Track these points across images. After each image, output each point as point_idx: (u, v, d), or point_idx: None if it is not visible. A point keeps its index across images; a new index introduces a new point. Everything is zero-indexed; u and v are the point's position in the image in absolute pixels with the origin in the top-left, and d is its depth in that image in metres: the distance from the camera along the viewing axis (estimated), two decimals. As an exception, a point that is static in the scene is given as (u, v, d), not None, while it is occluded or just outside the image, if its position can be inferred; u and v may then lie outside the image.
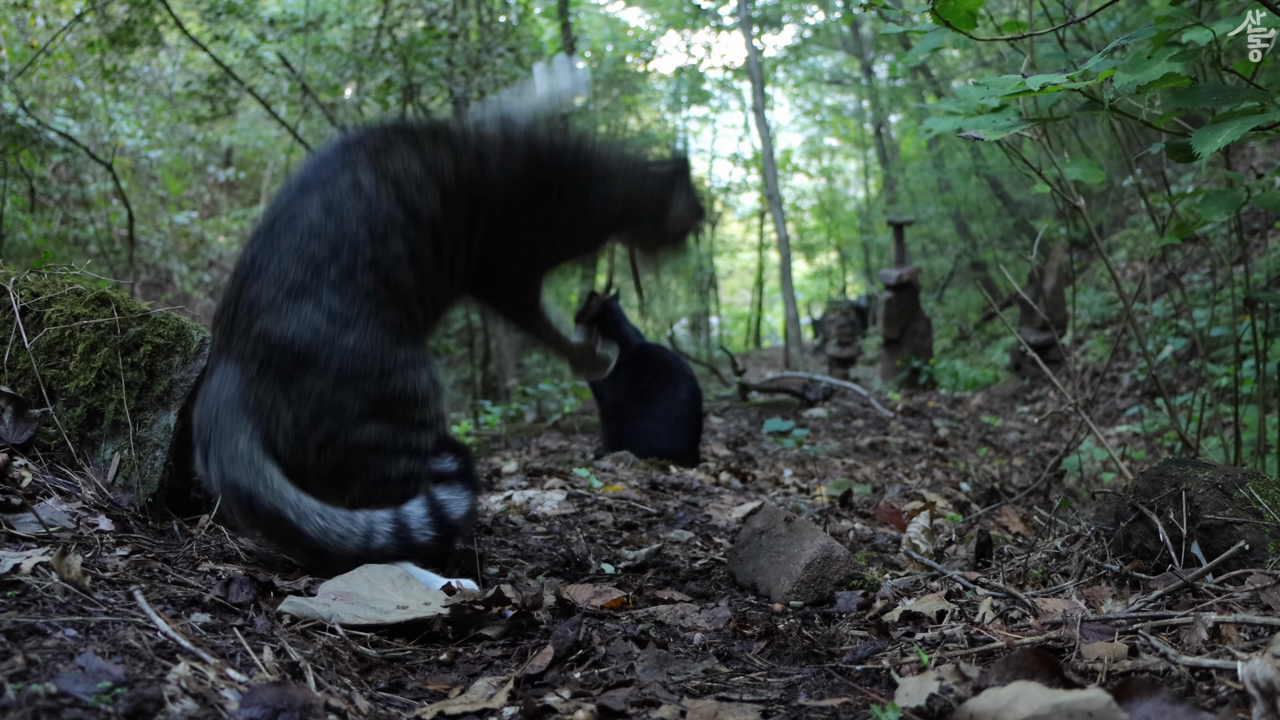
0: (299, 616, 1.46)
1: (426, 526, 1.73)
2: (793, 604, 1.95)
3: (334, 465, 1.69)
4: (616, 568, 2.31)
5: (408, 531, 1.70)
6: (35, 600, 1.23)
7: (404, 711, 1.26)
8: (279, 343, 1.63)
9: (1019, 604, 1.72)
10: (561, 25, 14.05)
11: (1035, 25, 2.39)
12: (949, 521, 2.98)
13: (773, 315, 27.36)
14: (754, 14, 17.18)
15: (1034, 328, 8.22)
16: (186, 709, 1.01)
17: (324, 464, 1.69)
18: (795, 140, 27.19)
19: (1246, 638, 1.39)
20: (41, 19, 9.37)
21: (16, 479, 1.68)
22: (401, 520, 1.70)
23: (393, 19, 10.46)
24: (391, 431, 1.72)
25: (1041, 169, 2.41)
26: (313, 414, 1.64)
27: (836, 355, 11.14)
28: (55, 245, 10.24)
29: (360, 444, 1.69)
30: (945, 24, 1.83)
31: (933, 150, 16.67)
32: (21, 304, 1.88)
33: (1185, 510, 1.79)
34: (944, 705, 1.17)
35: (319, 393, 1.64)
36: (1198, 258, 7.45)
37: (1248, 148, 7.83)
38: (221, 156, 15.56)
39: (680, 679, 1.41)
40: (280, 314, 1.63)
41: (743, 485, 3.79)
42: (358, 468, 1.71)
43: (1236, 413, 2.72)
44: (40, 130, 8.61)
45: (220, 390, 1.65)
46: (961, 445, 5.47)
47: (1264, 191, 2.22)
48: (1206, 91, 1.80)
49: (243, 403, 1.64)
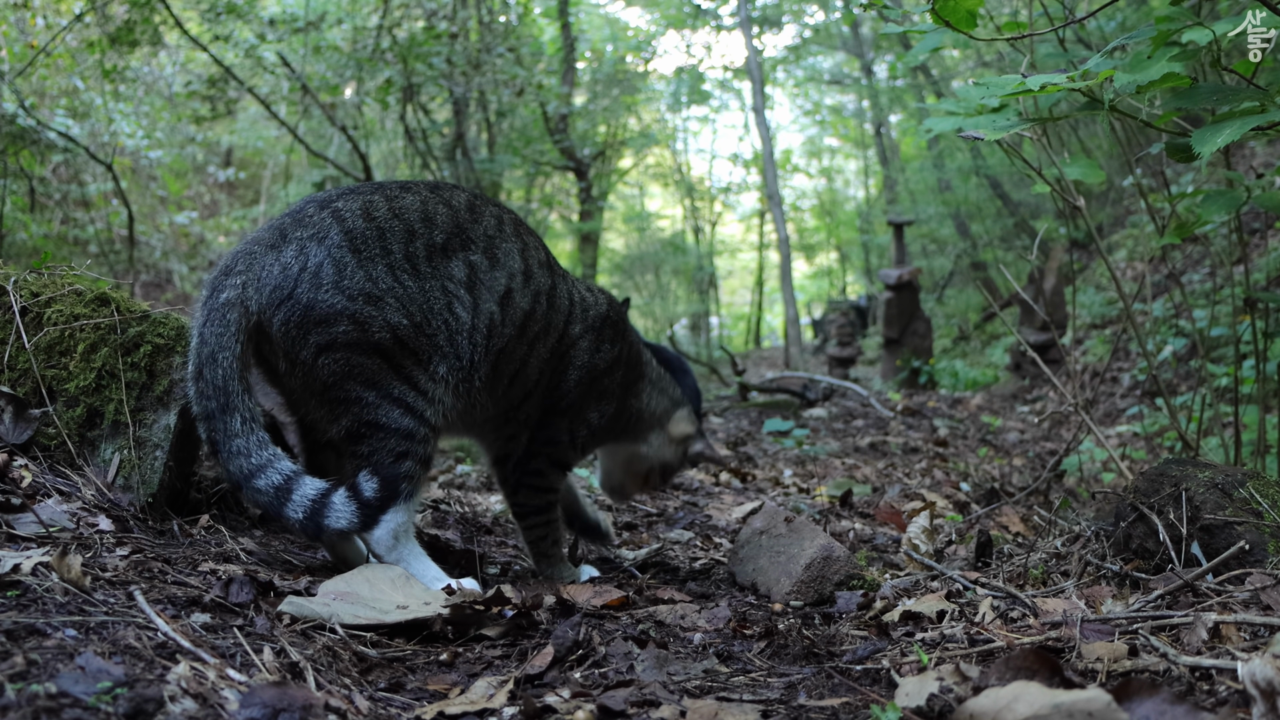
0: (299, 616, 1.46)
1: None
2: (793, 604, 1.95)
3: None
4: (617, 567, 2.31)
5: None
6: (35, 600, 1.23)
7: (404, 711, 1.26)
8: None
9: (1019, 604, 1.72)
10: (561, 25, 14.06)
11: (1035, 25, 2.39)
12: (949, 521, 2.98)
13: (773, 315, 27.37)
14: (754, 14, 17.18)
15: (1034, 328, 8.22)
16: (186, 709, 1.01)
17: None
18: (795, 140, 27.23)
19: (1246, 638, 1.39)
20: (41, 19, 9.37)
21: (16, 479, 1.68)
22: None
23: (393, 19, 10.46)
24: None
25: (1041, 169, 2.41)
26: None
27: (836, 355, 11.14)
28: (55, 245, 10.24)
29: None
30: (945, 24, 1.83)
31: (933, 150, 16.68)
32: (21, 304, 1.88)
33: (1185, 510, 1.79)
34: (944, 705, 1.17)
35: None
36: (1198, 258, 7.45)
37: (1248, 148, 7.82)
38: (221, 156, 15.56)
39: (680, 679, 1.41)
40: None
41: (743, 485, 3.79)
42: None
43: (1236, 413, 2.72)
44: (40, 130, 8.61)
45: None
46: (961, 445, 5.47)
47: (1264, 191, 2.21)
48: (1206, 91, 1.80)
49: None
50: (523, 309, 1.91)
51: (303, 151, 12.53)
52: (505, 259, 1.89)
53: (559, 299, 2.01)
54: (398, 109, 11.50)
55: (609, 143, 17.10)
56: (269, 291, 1.68)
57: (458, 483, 3.45)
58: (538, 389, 2.02)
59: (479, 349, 1.84)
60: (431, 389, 1.77)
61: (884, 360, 10.35)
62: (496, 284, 1.87)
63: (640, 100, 18.81)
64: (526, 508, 2.10)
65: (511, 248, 1.91)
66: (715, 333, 23.56)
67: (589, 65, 16.36)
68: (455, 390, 1.81)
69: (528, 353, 1.96)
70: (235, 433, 1.64)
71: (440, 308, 1.79)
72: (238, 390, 1.65)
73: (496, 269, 1.87)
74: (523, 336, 1.93)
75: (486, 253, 1.87)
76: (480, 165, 12.55)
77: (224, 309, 1.67)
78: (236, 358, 1.65)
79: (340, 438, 1.76)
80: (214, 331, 1.66)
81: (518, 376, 1.96)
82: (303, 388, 1.74)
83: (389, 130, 13.65)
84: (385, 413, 1.73)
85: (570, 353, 2.04)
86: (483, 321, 1.84)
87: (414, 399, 1.75)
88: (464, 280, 1.82)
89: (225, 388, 1.64)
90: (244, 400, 1.65)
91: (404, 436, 1.74)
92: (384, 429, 1.73)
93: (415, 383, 1.75)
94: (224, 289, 1.69)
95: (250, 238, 1.79)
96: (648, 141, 19.86)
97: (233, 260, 1.74)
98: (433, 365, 1.77)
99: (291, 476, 1.65)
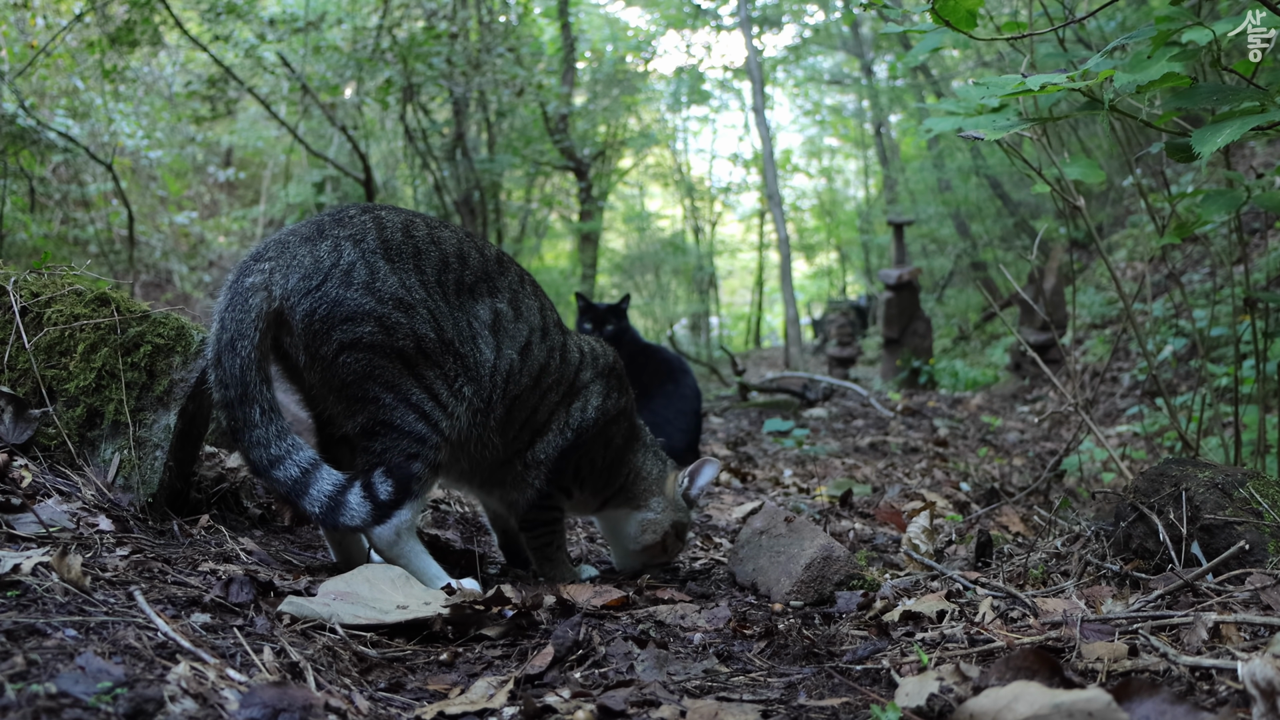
0: (299, 616, 1.46)
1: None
2: (793, 604, 1.95)
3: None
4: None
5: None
6: (35, 600, 1.23)
7: (404, 711, 1.26)
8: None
9: (1019, 604, 1.72)
10: (561, 25, 14.06)
11: (1035, 25, 2.39)
12: (949, 521, 2.98)
13: (773, 315, 27.37)
14: (754, 14, 17.17)
15: (1034, 328, 8.22)
16: (186, 709, 1.01)
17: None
18: (795, 140, 27.21)
19: (1246, 637, 1.39)
20: (41, 19, 9.37)
21: (16, 479, 1.68)
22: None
23: (393, 19, 10.46)
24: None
25: (1041, 169, 2.41)
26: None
27: (836, 355, 11.14)
28: (55, 245, 10.24)
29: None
30: (945, 24, 1.83)
31: (933, 150, 16.68)
32: (21, 304, 1.88)
33: (1185, 510, 1.79)
34: (944, 705, 1.17)
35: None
36: (1198, 258, 7.45)
37: (1248, 148, 7.83)
38: (221, 156, 15.55)
39: (680, 679, 1.41)
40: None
41: (743, 485, 3.79)
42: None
43: (1236, 413, 2.72)
44: (40, 130, 8.61)
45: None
46: (961, 445, 5.47)
47: (1264, 191, 2.22)
48: (1206, 91, 1.80)
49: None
50: (539, 361, 1.99)
51: (303, 151, 12.54)
52: (527, 313, 1.99)
53: (570, 354, 2.10)
54: (398, 109, 11.51)
55: (609, 143, 17.10)
56: (297, 279, 1.69)
57: (458, 483, 3.44)
58: (548, 429, 2.06)
59: (498, 390, 1.90)
60: (453, 405, 1.80)
61: (884, 360, 10.35)
62: (519, 334, 1.95)
63: (640, 100, 18.81)
64: (535, 522, 2.11)
65: (532, 305, 2.01)
66: (715, 333, 23.56)
67: (589, 65, 16.36)
68: (473, 417, 1.86)
69: (539, 401, 2.03)
70: (255, 423, 1.65)
71: (468, 337, 1.85)
72: (256, 381, 1.65)
73: (519, 321, 1.96)
74: (537, 387, 2.00)
75: (511, 304, 1.95)
76: (480, 165, 12.55)
77: (247, 293, 1.68)
78: (255, 346, 1.65)
79: (355, 433, 1.78)
80: (234, 317, 1.66)
81: (528, 422, 2.02)
82: (321, 383, 1.75)
83: (389, 130, 13.65)
84: (401, 416, 1.75)
85: (583, 394, 2.12)
86: (504, 364, 1.91)
87: (431, 407, 1.78)
88: (489, 323, 1.90)
89: (243, 378, 1.64)
90: (262, 391, 1.66)
91: (417, 440, 1.76)
92: (398, 430, 1.75)
93: (435, 393, 1.78)
94: (251, 273, 1.70)
95: (287, 229, 1.82)
96: (648, 141, 19.86)
97: (265, 247, 1.76)
98: (458, 384, 1.81)
99: (309, 469, 1.66)
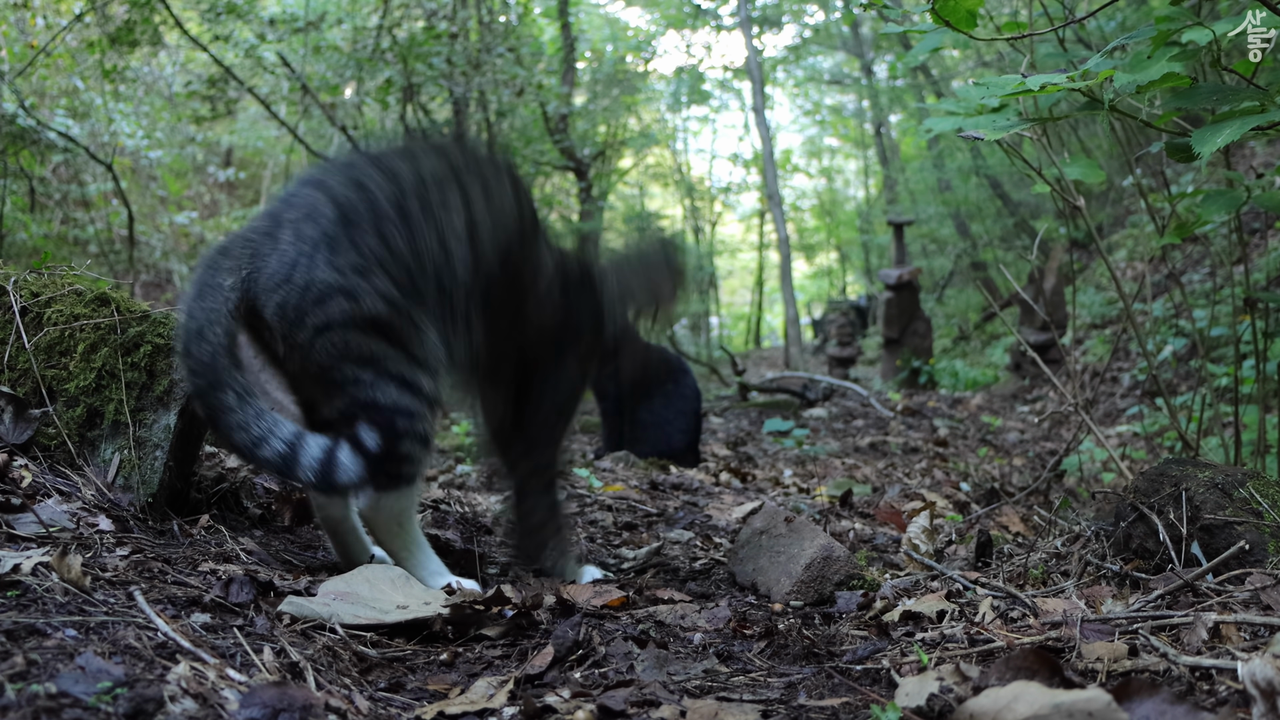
0: (299, 616, 1.46)
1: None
2: (793, 604, 1.95)
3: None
4: (617, 567, 2.31)
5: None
6: (35, 600, 1.23)
7: (404, 711, 1.26)
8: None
9: (1019, 604, 1.72)
10: (561, 25, 14.05)
11: (1035, 25, 2.39)
12: (949, 521, 2.98)
13: (773, 315, 27.35)
14: (754, 14, 17.17)
15: (1034, 328, 8.22)
16: (186, 709, 1.01)
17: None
18: (795, 140, 27.18)
19: (1246, 638, 1.39)
20: (41, 19, 9.37)
21: (16, 479, 1.68)
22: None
23: (393, 19, 10.46)
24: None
25: (1041, 169, 2.41)
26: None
27: (836, 355, 11.14)
28: (55, 245, 10.24)
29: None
30: (945, 24, 1.83)
31: (933, 150, 16.67)
32: (21, 304, 1.88)
33: (1185, 510, 1.79)
34: (944, 705, 1.17)
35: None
36: (1198, 258, 7.45)
37: (1248, 148, 7.83)
38: (221, 156, 15.55)
39: (680, 679, 1.41)
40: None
41: (743, 485, 3.79)
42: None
43: (1236, 413, 2.72)
44: (40, 130, 8.61)
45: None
46: (961, 445, 5.47)
47: (1264, 191, 2.21)
48: (1206, 91, 1.80)
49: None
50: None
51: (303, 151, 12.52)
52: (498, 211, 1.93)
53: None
54: (398, 109, 11.50)
55: (609, 143, 17.09)
56: (264, 277, 1.67)
57: (458, 483, 3.44)
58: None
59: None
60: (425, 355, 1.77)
61: (884, 360, 10.35)
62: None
63: (640, 100, 18.80)
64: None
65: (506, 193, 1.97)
66: (715, 333, 23.56)
67: (589, 65, 16.35)
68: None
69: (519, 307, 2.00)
70: (231, 408, 1.62)
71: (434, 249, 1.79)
72: (226, 365, 1.62)
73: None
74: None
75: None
76: (480, 165, 12.50)
77: (215, 288, 1.65)
78: (225, 332, 1.63)
79: (334, 418, 1.75)
80: (202, 307, 1.64)
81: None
82: (301, 370, 1.74)
83: (389, 130, 13.64)
84: (382, 390, 1.73)
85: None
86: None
87: (411, 372, 1.75)
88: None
89: (213, 363, 1.61)
90: (234, 375, 1.63)
91: (406, 414, 1.75)
92: (380, 405, 1.73)
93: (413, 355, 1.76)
94: (218, 269, 1.68)
95: (248, 223, 1.81)
96: (648, 141, 19.84)
97: (230, 243, 1.75)
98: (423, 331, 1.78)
99: (294, 442, 1.64)
